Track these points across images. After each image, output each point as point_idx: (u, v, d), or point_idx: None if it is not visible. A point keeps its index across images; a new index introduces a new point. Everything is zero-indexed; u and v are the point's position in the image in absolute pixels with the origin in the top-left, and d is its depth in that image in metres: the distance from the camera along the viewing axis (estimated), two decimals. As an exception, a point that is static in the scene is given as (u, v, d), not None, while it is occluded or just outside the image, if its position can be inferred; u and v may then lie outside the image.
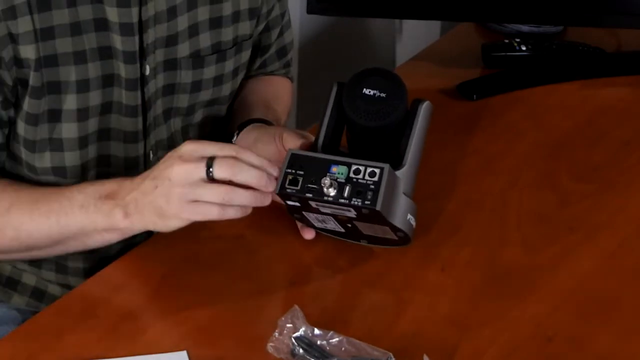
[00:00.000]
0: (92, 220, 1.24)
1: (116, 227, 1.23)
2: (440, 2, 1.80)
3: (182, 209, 1.17)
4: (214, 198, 1.16)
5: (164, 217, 1.19)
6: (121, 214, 1.22)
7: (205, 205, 1.17)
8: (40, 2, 1.27)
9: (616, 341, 1.20)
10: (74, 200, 1.24)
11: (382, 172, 1.22)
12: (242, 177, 1.17)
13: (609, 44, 1.89)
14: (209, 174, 1.16)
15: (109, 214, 1.22)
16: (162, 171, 1.18)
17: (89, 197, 1.24)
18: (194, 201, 1.17)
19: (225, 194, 1.17)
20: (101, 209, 1.23)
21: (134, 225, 1.22)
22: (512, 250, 1.35)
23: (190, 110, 1.44)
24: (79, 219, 1.24)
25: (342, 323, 1.20)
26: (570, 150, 1.58)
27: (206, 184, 1.16)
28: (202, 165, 1.16)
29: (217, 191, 1.16)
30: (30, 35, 1.27)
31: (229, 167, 1.16)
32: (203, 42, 1.41)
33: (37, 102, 1.31)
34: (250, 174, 1.17)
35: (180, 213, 1.18)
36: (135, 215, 1.21)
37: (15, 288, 1.46)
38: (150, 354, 1.17)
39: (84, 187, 1.26)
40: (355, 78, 1.27)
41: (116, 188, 1.23)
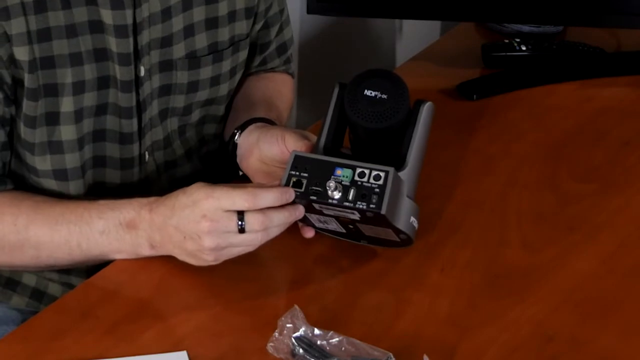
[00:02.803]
0: (116, 247, 1.26)
1: (141, 255, 1.26)
2: (440, 2, 1.80)
3: (217, 256, 1.21)
4: (249, 245, 1.21)
5: (199, 260, 1.22)
6: (147, 245, 1.25)
7: (240, 248, 1.21)
8: (36, 3, 1.26)
9: (616, 341, 1.20)
10: (93, 226, 1.26)
11: (387, 175, 1.22)
12: (273, 230, 1.21)
13: (609, 44, 1.89)
14: (241, 228, 1.18)
15: (134, 244, 1.25)
16: (187, 225, 1.20)
17: (109, 224, 1.25)
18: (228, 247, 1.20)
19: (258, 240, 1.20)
20: (124, 238, 1.25)
21: (160, 253, 1.26)
22: (512, 250, 1.35)
23: (187, 110, 1.44)
24: (100, 244, 1.26)
25: (342, 323, 1.20)
26: (570, 150, 1.58)
27: (240, 236, 1.19)
28: (232, 223, 1.18)
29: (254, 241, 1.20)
30: (24, 37, 1.27)
31: (262, 223, 1.19)
32: (199, 42, 1.40)
33: (33, 104, 1.30)
34: (280, 219, 1.20)
35: (215, 260, 1.22)
36: (161, 249, 1.25)
37: (15, 289, 1.46)
38: (150, 354, 1.17)
39: (102, 212, 1.26)
40: (356, 79, 1.27)
41: (135, 217, 1.24)
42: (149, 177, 1.43)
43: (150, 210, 1.24)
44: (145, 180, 1.42)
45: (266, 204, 1.19)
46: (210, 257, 1.21)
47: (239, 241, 1.20)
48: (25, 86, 1.29)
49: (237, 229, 1.18)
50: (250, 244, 1.20)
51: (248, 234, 1.19)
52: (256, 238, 1.20)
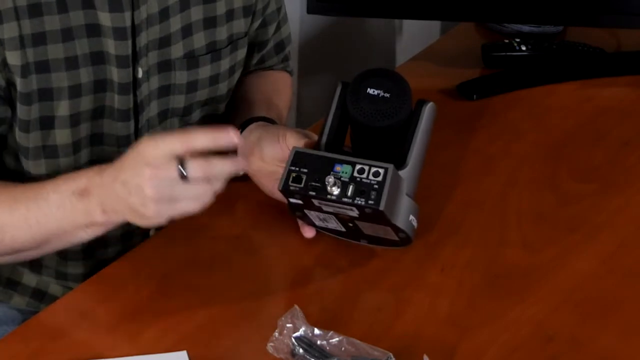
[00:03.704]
0: (72, 219, 1.22)
1: (97, 223, 1.22)
2: (440, 2, 1.80)
3: (160, 210, 1.16)
4: (192, 196, 1.15)
5: (144, 218, 1.17)
6: (99, 211, 1.20)
7: (184, 203, 1.15)
8: (30, 7, 1.26)
9: (616, 341, 1.20)
10: (50, 201, 1.23)
11: (387, 172, 1.22)
12: (217, 172, 1.15)
13: (609, 44, 1.89)
14: (182, 174, 1.14)
15: (86, 212, 1.21)
16: (132, 178, 1.16)
17: (64, 196, 1.22)
18: (172, 201, 1.15)
19: (205, 189, 1.15)
20: (77, 207, 1.21)
21: (112, 219, 1.21)
22: (512, 250, 1.35)
23: (187, 110, 1.44)
24: (58, 219, 1.23)
25: (342, 323, 1.20)
26: (570, 150, 1.58)
27: (180, 184, 1.14)
28: (173, 168, 1.13)
29: (198, 190, 1.15)
30: (16, 41, 1.26)
31: (203, 168, 1.14)
32: (197, 42, 1.40)
33: (27, 109, 1.30)
34: (223, 168, 1.15)
35: (160, 215, 1.16)
36: (113, 212, 1.20)
37: (16, 289, 1.46)
38: (150, 354, 1.17)
39: (57, 185, 1.24)
40: (359, 78, 1.27)
41: (87, 183, 1.21)
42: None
43: (101, 174, 1.20)
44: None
45: (203, 142, 1.14)
46: (151, 211, 1.15)
47: (182, 192, 1.14)
48: (18, 90, 1.29)
49: (179, 174, 1.13)
50: (194, 196, 1.15)
51: (191, 186, 1.14)
52: (200, 190, 1.14)
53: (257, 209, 1.41)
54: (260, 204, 1.40)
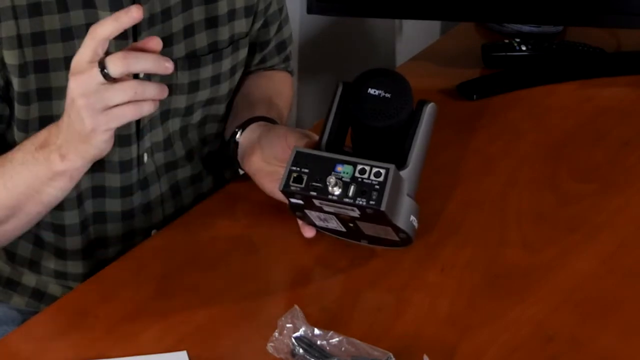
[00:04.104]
0: (34, 173, 1.21)
1: (58, 172, 1.20)
2: (440, 2, 1.80)
3: (96, 121, 1.13)
4: (124, 96, 1.11)
5: (88, 140, 1.15)
6: (57, 158, 1.19)
7: (119, 109, 1.12)
8: (30, 7, 1.26)
9: (616, 341, 1.20)
10: (14, 161, 1.22)
11: (388, 172, 1.22)
12: (139, 65, 1.12)
13: (609, 44, 1.89)
14: (106, 75, 1.10)
15: (46, 161, 1.20)
16: (67, 98, 1.14)
17: (26, 153, 1.21)
18: (106, 109, 1.12)
19: (134, 87, 1.11)
20: (39, 160, 1.20)
21: (73, 163, 1.19)
22: (512, 250, 1.35)
23: (189, 110, 1.44)
24: (23, 177, 1.22)
25: (342, 323, 1.20)
26: (570, 150, 1.58)
27: (109, 86, 1.11)
28: (95, 69, 1.11)
29: (124, 87, 1.11)
30: (13, 40, 1.26)
31: (123, 60, 1.10)
32: (199, 42, 1.40)
33: (25, 109, 1.30)
34: (145, 60, 1.12)
35: (97, 126, 1.13)
36: (69, 153, 1.18)
37: (15, 289, 1.46)
38: (150, 354, 1.17)
39: (21, 145, 1.23)
40: (360, 78, 1.27)
41: (46, 135, 1.20)
42: (148, 179, 1.43)
43: (60, 121, 1.19)
44: (144, 182, 1.42)
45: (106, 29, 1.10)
46: (88, 123, 1.12)
47: (113, 94, 1.10)
48: (16, 90, 1.29)
49: (102, 75, 1.10)
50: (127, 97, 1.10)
51: (121, 86, 1.10)
52: (130, 89, 1.10)
53: (257, 209, 1.41)
54: (260, 204, 1.40)
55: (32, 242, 1.42)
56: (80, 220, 1.39)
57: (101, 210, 1.41)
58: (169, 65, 1.12)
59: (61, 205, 1.35)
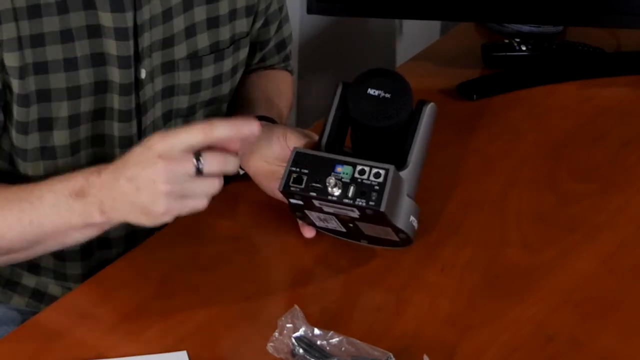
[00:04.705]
0: (67, 220, 1.20)
1: (94, 224, 1.20)
2: (440, 2, 1.80)
3: (171, 207, 1.13)
4: (206, 193, 1.13)
5: (151, 216, 1.15)
6: (97, 212, 1.18)
7: (195, 200, 1.14)
8: (29, 9, 1.26)
9: (616, 341, 1.20)
10: (44, 200, 1.21)
11: (387, 173, 1.22)
12: (230, 169, 1.14)
13: (609, 44, 1.89)
14: (199, 169, 1.12)
15: (83, 213, 1.19)
16: (141, 171, 1.13)
17: (59, 195, 1.20)
18: (183, 197, 1.13)
19: (217, 185, 1.13)
20: (74, 208, 1.19)
21: (112, 220, 1.19)
22: (512, 250, 1.35)
23: (191, 110, 1.44)
24: (52, 219, 1.21)
25: (342, 323, 1.20)
26: (570, 150, 1.58)
27: (196, 179, 1.12)
28: (189, 162, 1.12)
29: (209, 186, 1.13)
30: (14, 42, 1.26)
31: (219, 163, 1.13)
32: (200, 42, 1.40)
33: (24, 110, 1.30)
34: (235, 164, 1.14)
35: (169, 211, 1.14)
36: (113, 212, 1.17)
37: (15, 289, 1.46)
38: (150, 354, 1.17)
39: (52, 185, 1.21)
40: (360, 78, 1.27)
41: (84, 184, 1.18)
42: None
43: (100, 173, 1.18)
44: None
45: (225, 132, 1.12)
46: (162, 207, 1.12)
47: (196, 187, 1.12)
48: (16, 92, 1.29)
49: (195, 169, 1.11)
50: (206, 191, 1.13)
51: (204, 181, 1.12)
52: (210, 186, 1.13)
53: (257, 209, 1.41)
54: (260, 204, 1.40)
55: (31, 244, 1.42)
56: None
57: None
58: None
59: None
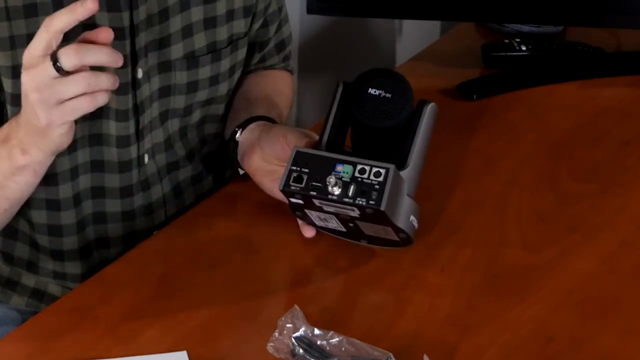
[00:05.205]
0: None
1: (20, 166, 1.20)
2: (440, 2, 1.80)
3: (51, 115, 1.12)
4: (77, 89, 1.11)
5: (45, 134, 1.14)
6: (19, 153, 1.19)
7: (73, 101, 1.11)
8: (26, 8, 1.26)
9: (616, 341, 1.20)
10: None
11: (388, 172, 1.22)
12: (92, 58, 1.11)
13: (609, 44, 1.89)
14: (59, 69, 1.10)
15: (9, 157, 1.20)
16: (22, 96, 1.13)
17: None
18: (60, 103, 1.11)
19: (88, 78, 1.10)
20: (1, 155, 1.20)
21: (35, 157, 1.19)
22: (512, 250, 1.35)
23: (187, 111, 1.44)
24: None
25: (342, 323, 1.20)
26: (570, 150, 1.58)
27: (62, 79, 1.09)
28: (46, 63, 1.10)
29: (78, 79, 1.10)
30: (6, 42, 1.26)
31: (76, 53, 1.09)
32: (197, 42, 1.40)
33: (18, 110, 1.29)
34: (99, 53, 1.11)
35: (52, 121, 1.12)
36: (30, 148, 1.18)
37: (15, 289, 1.46)
38: (150, 354, 1.17)
39: None
40: (361, 78, 1.27)
41: (8, 130, 1.20)
42: (149, 180, 1.43)
43: (20, 115, 1.18)
44: (145, 183, 1.42)
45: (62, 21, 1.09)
46: (43, 118, 1.11)
47: (66, 88, 1.09)
48: (9, 92, 1.29)
49: (54, 68, 1.09)
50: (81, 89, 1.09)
51: (74, 78, 1.09)
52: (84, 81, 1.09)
53: (257, 209, 1.41)
54: (260, 204, 1.40)
55: (29, 244, 1.42)
56: (77, 220, 1.39)
57: (101, 211, 1.41)
58: (120, 58, 1.12)
59: (57, 205, 1.35)
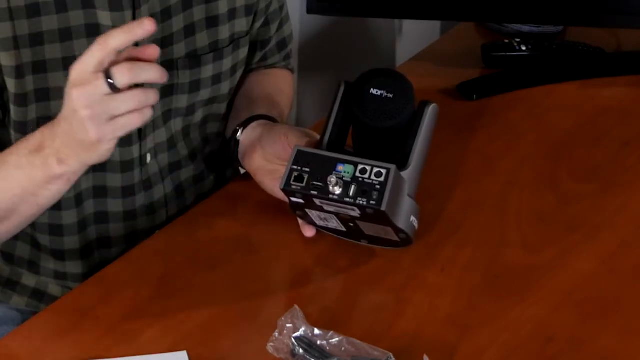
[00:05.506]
0: (30, 177, 1.20)
1: (55, 175, 1.20)
2: (440, 2, 1.80)
3: (102, 131, 1.12)
4: (129, 106, 1.11)
5: (92, 149, 1.14)
6: (55, 162, 1.18)
7: (124, 118, 1.12)
8: (28, 7, 1.26)
9: (616, 341, 1.20)
10: (8, 164, 1.21)
11: (389, 172, 1.22)
12: (144, 76, 1.11)
13: (609, 44, 1.89)
14: (112, 86, 1.10)
15: (43, 166, 1.19)
16: (66, 107, 1.13)
17: (20, 156, 1.20)
18: (112, 119, 1.12)
19: (139, 96, 1.11)
20: (34, 163, 1.19)
21: (71, 167, 1.19)
22: (512, 250, 1.35)
23: (190, 110, 1.44)
24: (18, 180, 1.21)
25: (342, 323, 1.20)
26: (570, 150, 1.58)
27: (115, 96, 1.10)
28: (100, 80, 1.10)
29: (129, 97, 1.10)
30: (9, 42, 1.26)
31: (130, 71, 1.10)
32: (200, 41, 1.40)
33: (23, 110, 1.30)
34: (149, 71, 1.11)
35: (103, 137, 1.12)
36: (68, 158, 1.17)
37: (15, 289, 1.46)
38: (150, 354, 1.17)
39: (14, 147, 1.22)
40: (362, 78, 1.27)
41: (40, 138, 1.19)
42: (151, 180, 1.43)
43: (52, 124, 1.18)
44: (147, 183, 1.42)
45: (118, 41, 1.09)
46: (92, 133, 1.11)
47: (118, 105, 1.10)
48: (12, 92, 1.29)
49: (107, 85, 1.09)
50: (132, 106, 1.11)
51: (126, 95, 1.10)
52: (135, 98, 1.10)
53: (257, 209, 1.41)
54: (261, 203, 1.40)
55: (30, 244, 1.42)
56: (78, 219, 1.39)
57: (102, 210, 1.41)
58: (165, 75, 1.13)
59: (59, 205, 1.35)
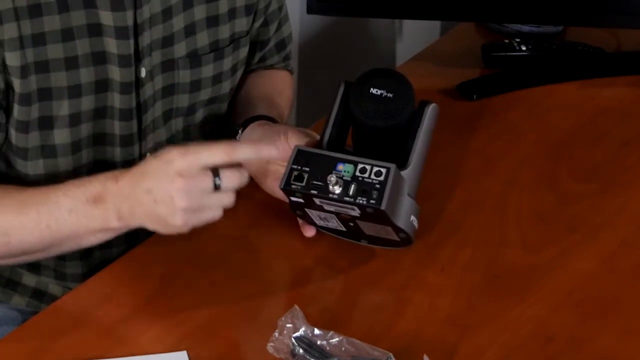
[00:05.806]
0: (85, 224, 1.22)
1: (111, 229, 1.22)
2: (440, 2, 1.80)
3: (188, 220, 1.17)
4: (222, 205, 1.17)
5: (168, 226, 1.19)
6: (115, 218, 1.20)
7: (211, 211, 1.17)
8: (30, 8, 1.26)
9: (616, 341, 1.20)
10: (61, 205, 1.22)
11: (389, 172, 1.22)
12: (246, 182, 1.18)
13: (609, 44, 1.89)
14: (217, 186, 1.16)
15: (101, 218, 1.21)
16: (160, 185, 1.16)
17: (77, 201, 1.22)
18: (199, 210, 1.17)
19: (232, 198, 1.17)
20: (92, 214, 1.21)
21: (129, 225, 1.22)
22: (512, 250, 1.35)
23: (190, 110, 1.44)
24: (70, 223, 1.22)
25: (342, 323, 1.20)
26: (570, 150, 1.58)
27: (213, 195, 1.16)
28: (208, 179, 1.15)
29: (225, 199, 1.17)
30: (15, 42, 1.26)
31: (239, 179, 1.16)
32: (200, 41, 1.40)
33: (26, 109, 1.30)
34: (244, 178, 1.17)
35: (187, 224, 1.18)
36: (131, 219, 1.20)
37: (16, 289, 1.46)
38: (150, 354, 1.17)
39: (68, 190, 1.23)
40: (363, 77, 1.27)
41: (101, 190, 1.21)
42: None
43: (117, 180, 1.20)
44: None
45: (243, 154, 1.17)
46: (179, 221, 1.16)
47: (212, 201, 1.16)
48: (17, 92, 1.29)
49: (213, 186, 1.15)
50: (220, 205, 1.17)
51: (221, 193, 1.16)
52: (227, 198, 1.17)
53: (257, 209, 1.41)
54: (261, 203, 1.40)
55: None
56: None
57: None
58: None
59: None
